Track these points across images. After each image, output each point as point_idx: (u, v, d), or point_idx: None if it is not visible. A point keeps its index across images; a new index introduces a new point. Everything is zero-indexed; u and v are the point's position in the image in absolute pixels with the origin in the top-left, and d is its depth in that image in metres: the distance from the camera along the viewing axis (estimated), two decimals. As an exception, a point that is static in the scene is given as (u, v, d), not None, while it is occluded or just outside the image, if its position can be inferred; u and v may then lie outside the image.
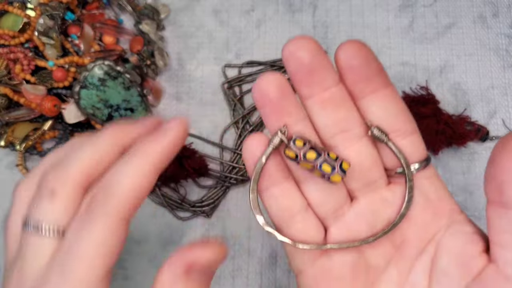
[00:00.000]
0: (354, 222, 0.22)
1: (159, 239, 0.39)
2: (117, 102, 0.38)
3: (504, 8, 0.43)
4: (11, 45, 0.38)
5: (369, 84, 0.20)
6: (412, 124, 0.21)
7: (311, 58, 0.19)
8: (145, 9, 0.42)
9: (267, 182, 0.21)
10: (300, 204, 0.22)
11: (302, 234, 0.21)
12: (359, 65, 0.20)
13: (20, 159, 0.40)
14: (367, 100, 0.21)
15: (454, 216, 0.22)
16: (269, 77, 0.20)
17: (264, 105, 0.20)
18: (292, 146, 0.20)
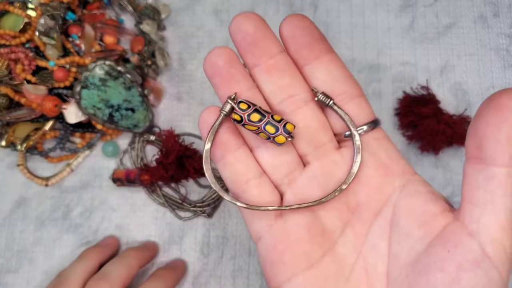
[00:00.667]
0: (307, 186, 0.22)
1: (160, 239, 0.39)
2: (118, 102, 0.38)
3: (504, 8, 0.43)
4: (12, 45, 0.38)
5: (312, 50, 0.21)
6: (357, 88, 0.22)
7: (254, 29, 0.21)
8: (146, 9, 0.42)
9: (222, 150, 0.22)
10: (255, 170, 0.22)
11: (257, 200, 0.22)
12: (301, 33, 0.21)
13: (21, 159, 0.40)
14: (311, 67, 0.22)
15: (408, 176, 0.22)
16: (217, 50, 0.22)
17: (214, 75, 0.22)
18: (237, 109, 0.21)
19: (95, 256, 0.35)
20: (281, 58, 0.22)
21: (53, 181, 0.40)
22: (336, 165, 0.22)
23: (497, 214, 0.18)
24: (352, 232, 0.22)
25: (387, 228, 0.21)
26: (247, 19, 0.21)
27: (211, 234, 0.39)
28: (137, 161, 0.40)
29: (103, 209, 0.40)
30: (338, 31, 0.43)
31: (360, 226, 0.22)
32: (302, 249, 0.22)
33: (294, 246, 0.22)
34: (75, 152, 0.41)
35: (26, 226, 0.40)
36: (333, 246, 0.22)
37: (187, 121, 0.42)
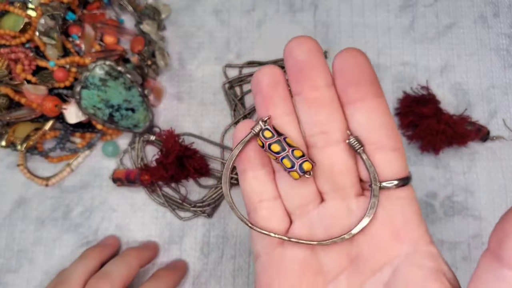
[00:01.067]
0: (315, 223, 0.22)
1: (160, 239, 0.39)
2: (118, 102, 0.38)
3: (504, 8, 0.43)
4: (12, 45, 0.38)
5: (358, 90, 0.20)
6: (395, 141, 0.21)
7: (305, 57, 0.21)
8: (146, 9, 0.42)
9: (245, 165, 0.23)
10: (270, 193, 0.23)
11: (265, 222, 0.22)
12: (351, 70, 0.20)
13: (21, 159, 0.40)
14: (354, 107, 0.21)
15: (420, 245, 0.21)
16: (266, 69, 0.21)
17: (257, 93, 0.22)
18: (261, 135, 0.21)
19: (96, 256, 0.35)
20: (326, 92, 0.21)
21: (53, 181, 0.40)
22: (349, 212, 0.22)
23: None
24: (346, 281, 0.22)
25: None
26: (301, 44, 0.21)
27: (211, 234, 0.39)
28: (137, 161, 0.40)
29: (103, 209, 0.40)
30: (338, 31, 0.43)
31: (355, 278, 0.21)
32: (290, 282, 0.22)
33: (284, 277, 0.22)
34: (75, 152, 0.41)
35: (26, 226, 0.40)
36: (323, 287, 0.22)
37: (187, 121, 0.42)
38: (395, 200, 0.21)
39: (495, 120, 0.41)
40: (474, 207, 0.39)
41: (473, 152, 0.40)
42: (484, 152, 0.40)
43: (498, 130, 0.41)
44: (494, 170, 0.40)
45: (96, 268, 0.35)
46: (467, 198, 0.40)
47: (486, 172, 0.40)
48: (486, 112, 0.41)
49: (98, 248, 0.37)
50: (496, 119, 0.41)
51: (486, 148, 0.40)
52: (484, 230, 0.39)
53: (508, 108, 0.41)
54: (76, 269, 0.34)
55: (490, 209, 0.39)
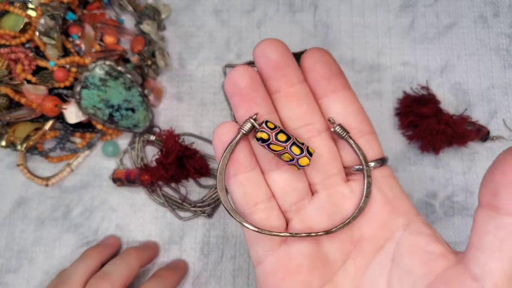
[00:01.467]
0: (314, 215, 0.22)
1: (160, 239, 0.39)
2: (118, 102, 0.38)
3: (504, 8, 0.43)
4: (12, 45, 0.38)
5: (330, 83, 0.22)
6: (368, 125, 0.23)
7: (277, 56, 0.22)
8: (146, 9, 0.42)
9: (235, 168, 0.22)
10: (264, 194, 0.22)
11: (264, 224, 0.22)
12: (321, 66, 0.22)
13: (21, 159, 0.40)
14: (328, 99, 0.23)
15: (412, 217, 0.22)
16: (240, 69, 0.22)
17: (234, 94, 0.22)
18: (265, 127, 0.21)
19: (96, 256, 0.35)
20: (301, 87, 0.22)
21: (53, 181, 0.40)
22: (344, 198, 0.23)
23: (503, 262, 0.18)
24: (353, 265, 0.22)
25: (387, 264, 0.21)
26: (272, 45, 0.22)
27: (211, 234, 0.39)
28: (137, 161, 0.40)
29: (103, 209, 0.40)
30: (338, 31, 0.43)
31: (361, 260, 0.22)
32: (302, 278, 0.22)
33: (294, 274, 0.22)
34: (75, 152, 0.41)
35: (26, 226, 0.40)
36: (332, 277, 0.22)
37: (187, 121, 0.42)
38: (380, 178, 0.22)
39: (495, 120, 0.41)
40: (474, 207, 0.39)
41: (473, 152, 0.40)
42: (484, 152, 0.40)
43: (498, 130, 0.41)
44: (494, 170, 0.40)
45: (96, 268, 0.35)
46: (467, 198, 0.40)
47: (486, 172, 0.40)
48: (486, 112, 0.41)
49: (98, 248, 0.37)
50: (496, 119, 0.41)
51: (486, 148, 0.40)
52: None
53: (508, 108, 0.41)
54: (76, 269, 0.34)
55: (490, 209, 0.39)
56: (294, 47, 0.43)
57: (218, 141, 0.22)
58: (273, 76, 0.22)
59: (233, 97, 0.22)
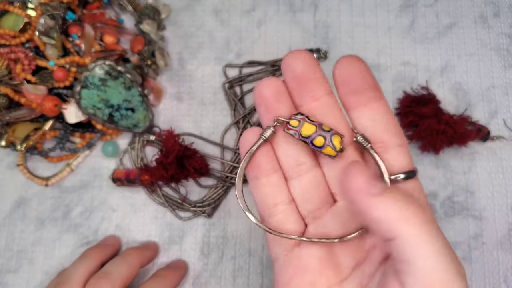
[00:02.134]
0: (330, 222, 0.23)
1: (160, 239, 0.39)
2: (118, 102, 0.38)
3: (505, 8, 0.43)
4: (12, 45, 0.38)
5: (360, 97, 0.22)
6: (399, 137, 0.22)
7: (303, 70, 0.22)
8: (146, 9, 0.42)
9: (256, 171, 0.23)
10: (284, 196, 0.23)
11: (282, 225, 0.23)
12: (353, 80, 0.21)
13: (21, 159, 0.40)
14: (358, 111, 0.22)
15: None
16: (268, 81, 0.22)
17: (260, 104, 0.23)
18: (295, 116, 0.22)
19: (96, 256, 0.35)
20: (326, 100, 0.22)
21: (53, 181, 0.40)
22: None
23: None
24: (361, 271, 0.23)
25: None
26: (298, 57, 0.22)
27: (211, 234, 0.39)
28: (137, 161, 0.40)
29: (103, 209, 0.40)
30: (338, 31, 0.43)
31: (369, 266, 0.22)
32: (309, 279, 0.23)
33: (303, 274, 0.23)
34: (75, 152, 0.41)
35: (26, 226, 0.40)
36: (340, 282, 0.23)
37: (187, 121, 0.42)
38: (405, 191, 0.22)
39: (495, 120, 0.41)
40: (474, 207, 0.39)
41: (473, 152, 0.40)
42: (485, 152, 0.40)
43: (499, 130, 0.41)
44: (495, 170, 0.40)
45: (96, 268, 0.35)
46: (467, 198, 0.40)
47: (486, 172, 0.40)
48: (486, 112, 0.41)
49: (98, 248, 0.37)
50: (496, 119, 0.41)
51: (486, 148, 0.40)
52: (484, 230, 0.39)
53: (508, 108, 0.41)
54: (76, 269, 0.34)
55: (490, 209, 0.39)
56: (294, 47, 0.43)
57: (243, 147, 0.23)
58: (297, 89, 0.22)
59: (259, 106, 0.23)
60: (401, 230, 0.18)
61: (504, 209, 0.39)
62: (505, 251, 0.38)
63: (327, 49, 0.42)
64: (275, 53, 0.43)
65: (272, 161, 0.23)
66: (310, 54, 0.22)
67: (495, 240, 0.39)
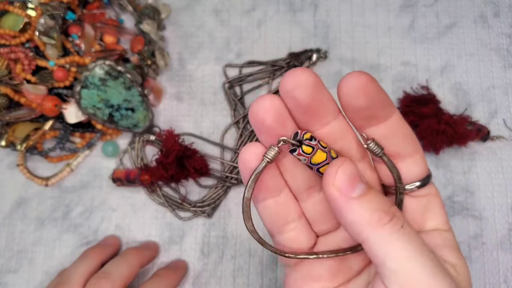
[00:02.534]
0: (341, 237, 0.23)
1: (160, 239, 0.39)
2: (118, 102, 0.38)
3: (505, 8, 0.43)
4: (12, 45, 0.38)
5: (371, 120, 0.20)
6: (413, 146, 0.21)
7: (308, 98, 0.19)
8: (146, 9, 0.42)
9: (263, 194, 0.22)
10: (294, 214, 0.23)
11: (293, 242, 0.23)
12: (361, 107, 0.19)
13: (21, 159, 0.40)
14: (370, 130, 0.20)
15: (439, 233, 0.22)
16: (265, 104, 0.19)
17: (261, 132, 0.20)
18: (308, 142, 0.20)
19: (96, 256, 0.35)
20: (335, 124, 0.20)
21: (53, 181, 0.40)
22: None
23: None
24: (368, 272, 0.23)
25: None
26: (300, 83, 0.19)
27: (211, 234, 0.39)
28: (137, 161, 0.40)
29: (103, 209, 0.40)
30: (338, 31, 0.43)
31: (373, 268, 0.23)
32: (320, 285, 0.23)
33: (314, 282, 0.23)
34: (75, 152, 0.41)
35: (26, 226, 0.40)
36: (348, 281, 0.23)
37: (187, 121, 0.42)
38: (418, 198, 0.22)
39: (495, 120, 0.41)
40: (474, 207, 0.39)
41: (473, 152, 0.40)
42: (485, 152, 0.40)
43: (499, 130, 0.41)
44: (495, 170, 0.40)
45: (96, 268, 0.35)
46: (467, 198, 0.40)
47: (486, 172, 0.40)
48: (486, 112, 0.41)
49: (98, 248, 0.37)
50: (496, 119, 0.41)
51: (486, 148, 0.40)
52: (484, 230, 0.39)
53: (508, 108, 0.41)
54: (76, 269, 0.34)
55: (490, 209, 0.39)
56: (294, 47, 0.43)
57: (243, 167, 0.21)
58: (303, 119, 0.20)
59: (260, 133, 0.20)
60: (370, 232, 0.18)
61: (504, 209, 0.39)
62: (505, 251, 0.38)
63: (327, 49, 0.42)
64: (275, 53, 0.43)
65: (279, 181, 0.22)
66: (312, 73, 0.19)
67: (495, 240, 0.39)
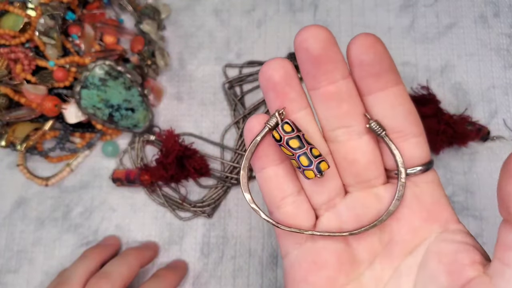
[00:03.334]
0: (344, 215, 0.22)
1: (160, 239, 0.39)
2: (118, 102, 0.38)
3: (505, 7, 0.43)
4: (12, 45, 0.38)
5: (378, 81, 0.20)
6: (418, 127, 0.21)
7: (320, 50, 0.19)
8: (146, 9, 0.42)
9: (263, 162, 0.22)
10: (293, 187, 0.22)
11: (291, 218, 0.22)
12: (370, 61, 0.19)
13: (21, 159, 0.40)
14: (374, 97, 0.20)
15: (449, 225, 0.21)
16: (275, 62, 0.20)
17: (268, 90, 0.21)
18: (280, 128, 0.20)
19: (96, 256, 0.35)
20: (343, 84, 0.20)
21: (53, 181, 0.40)
22: (377, 199, 0.22)
23: None
24: (380, 266, 0.22)
25: (414, 270, 0.21)
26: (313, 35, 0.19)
27: (211, 234, 0.39)
28: (137, 161, 0.40)
29: (103, 209, 0.40)
30: (338, 31, 0.43)
31: (389, 262, 0.22)
32: (328, 274, 0.21)
33: (320, 269, 0.22)
34: (75, 152, 0.41)
35: (26, 226, 0.40)
36: (359, 276, 0.22)
37: (187, 121, 0.42)
38: (423, 184, 0.21)
39: (495, 120, 0.41)
40: (474, 207, 0.39)
41: (473, 152, 0.40)
42: (485, 152, 0.40)
43: (499, 130, 0.41)
44: (495, 170, 0.40)
45: (96, 268, 0.35)
46: (467, 198, 0.40)
47: (486, 172, 0.40)
48: (486, 112, 0.41)
49: (98, 248, 0.37)
50: (496, 119, 0.41)
51: (486, 148, 0.40)
52: (484, 230, 0.39)
53: (508, 108, 0.41)
54: (76, 269, 0.34)
55: (490, 209, 0.39)
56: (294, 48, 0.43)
57: (247, 132, 0.21)
58: (312, 72, 0.20)
59: (267, 92, 0.21)
60: None
61: (504, 209, 0.39)
62: (505, 251, 0.38)
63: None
64: (275, 53, 0.43)
65: (279, 150, 0.21)
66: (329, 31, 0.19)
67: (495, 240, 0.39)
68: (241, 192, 0.40)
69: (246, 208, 0.40)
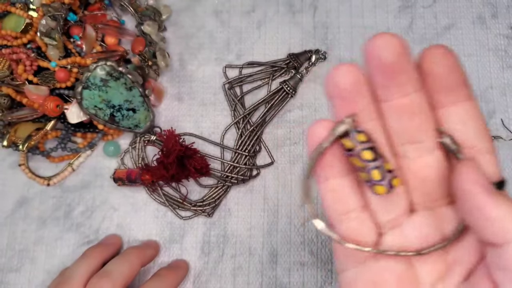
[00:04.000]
0: (410, 234, 0.21)
1: (161, 238, 0.40)
2: (119, 102, 0.38)
3: (503, 9, 0.43)
4: (14, 45, 0.38)
5: (451, 94, 0.19)
6: (488, 143, 0.20)
7: (394, 60, 0.18)
8: (147, 10, 0.42)
9: (327, 172, 0.20)
10: (358, 202, 0.21)
11: (353, 233, 0.21)
12: (443, 74, 0.19)
13: (23, 159, 0.40)
14: (446, 111, 0.19)
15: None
16: (345, 68, 0.19)
17: (335, 96, 0.19)
18: (353, 136, 0.19)
19: (97, 255, 0.36)
20: (416, 98, 0.19)
21: (55, 180, 0.40)
22: (444, 220, 0.21)
23: None
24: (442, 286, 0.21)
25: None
26: (390, 44, 0.18)
27: (212, 233, 0.40)
28: (138, 161, 0.40)
29: (104, 209, 0.40)
30: (337, 32, 0.43)
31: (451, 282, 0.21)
32: None
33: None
34: (76, 152, 0.41)
35: (28, 226, 0.40)
36: None
37: (188, 121, 0.42)
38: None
39: (493, 120, 0.41)
40: (473, 206, 0.40)
41: (471, 152, 0.41)
42: (482, 152, 0.41)
43: (497, 130, 0.41)
44: (492, 170, 0.40)
45: (97, 267, 0.35)
46: (466, 198, 0.40)
47: (484, 172, 0.40)
48: (484, 112, 0.41)
49: (99, 247, 0.37)
50: (494, 119, 0.41)
51: (484, 148, 0.41)
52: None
53: (506, 108, 0.42)
54: (77, 268, 0.34)
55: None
56: (293, 48, 0.43)
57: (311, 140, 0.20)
58: (384, 83, 0.19)
59: (334, 99, 0.19)
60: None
61: (502, 209, 0.39)
62: (502, 250, 0.39)
63: (326, 50, 0.43)
64: (274, 54, 0.43)
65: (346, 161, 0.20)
66: (404, 40, 0.18)
67: None
68: (241, 192, 0.40)
69: (246, 207, 0.40)
